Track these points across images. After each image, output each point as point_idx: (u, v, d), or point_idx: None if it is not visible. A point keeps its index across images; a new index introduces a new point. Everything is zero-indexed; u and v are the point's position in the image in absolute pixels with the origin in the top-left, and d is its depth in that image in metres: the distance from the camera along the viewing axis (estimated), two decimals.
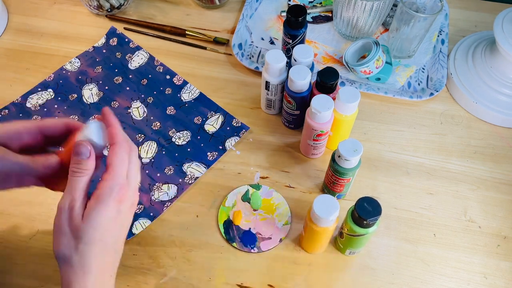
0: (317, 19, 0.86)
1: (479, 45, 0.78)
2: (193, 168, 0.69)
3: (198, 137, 0.72)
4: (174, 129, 0.72)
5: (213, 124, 0.73)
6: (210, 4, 0.88)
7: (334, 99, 0.64)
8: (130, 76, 0.78)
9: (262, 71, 0.68)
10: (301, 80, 0.63)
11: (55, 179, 0.48)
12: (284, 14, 0.86)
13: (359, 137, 0.73)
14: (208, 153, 0.70)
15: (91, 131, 0.46)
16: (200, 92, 0.77)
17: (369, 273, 0.61)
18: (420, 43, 0.78)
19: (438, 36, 0.83)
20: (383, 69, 0.76)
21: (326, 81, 0.63)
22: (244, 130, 0.72)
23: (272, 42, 0.83)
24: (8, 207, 0.65)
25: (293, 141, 0.72)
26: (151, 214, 0.64)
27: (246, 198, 0.66)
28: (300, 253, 0.62)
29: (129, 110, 0.74)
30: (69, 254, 0.42)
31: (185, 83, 0.78)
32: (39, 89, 0.76)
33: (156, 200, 0.66)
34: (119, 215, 0.44)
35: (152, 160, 0.69)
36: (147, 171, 0.68)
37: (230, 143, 0.71)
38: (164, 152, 0.70)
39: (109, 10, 0.85)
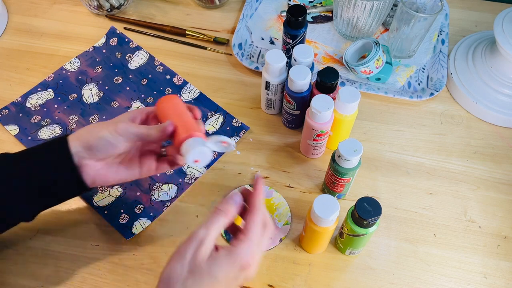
0: (317, 19, 0.86)
1: (479, 45, 0.78)
2: (193, 168, 0.69)
3: None
4: None
5: (213, 124, 0.73)
6: (210, 4, 0.88)
7: (334, 99, 0.64)
8: (130, 76, 0.78)
9: (262, 71, 0.68)
10: (301, 80, 0.63)
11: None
12: (284, 14, 0.86)
13: (359, 137, 0.73)
14: None
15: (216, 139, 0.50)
16: (200, 92, 0.77)
17: (369, 273, 0.61)
18: (420, 43, 0.78)
19: (438, 36, 0.83)
20: (383, 69, 0.76)
21: (326, 81, 0.63)
22: (244, 130, 0.72)
23: (272, 42, 0.83)
24: None
25: (293, 141, 0.72)
26: (151, 214, 0.64)
27: None
28: (300, 253, 0.62)
29: (129, 110, 0.74)
30: (176, 282, 0.42)
31: (185, 83, 0.78)
32: (39, 89, 0.76)
33: (156, 200, 0.66)
34: (235, 281, 0.44)
35: None
36: None
37: None
38: (164, 152, 0.70)
39: (109, 10, 0.85)
